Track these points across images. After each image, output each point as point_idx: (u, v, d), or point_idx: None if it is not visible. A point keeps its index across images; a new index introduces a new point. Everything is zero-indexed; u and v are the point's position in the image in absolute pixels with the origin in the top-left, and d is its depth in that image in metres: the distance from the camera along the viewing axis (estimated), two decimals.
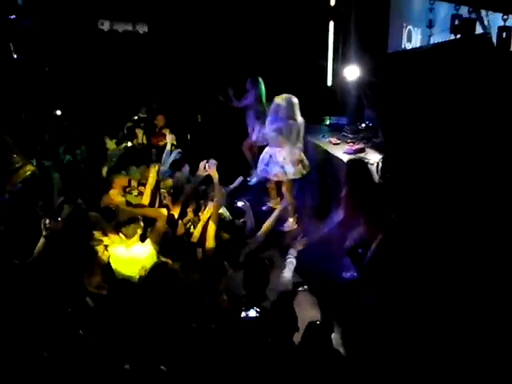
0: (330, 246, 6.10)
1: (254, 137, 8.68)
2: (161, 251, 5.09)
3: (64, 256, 4.87)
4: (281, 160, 7.44)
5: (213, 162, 5.74)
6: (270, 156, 7.54)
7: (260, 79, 8.53)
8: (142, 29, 10.48)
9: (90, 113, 9.01)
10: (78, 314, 4.04)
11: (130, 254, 5.11)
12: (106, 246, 5.18)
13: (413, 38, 7.83)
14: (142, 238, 5.22)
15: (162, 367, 3.69)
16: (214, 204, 5.38)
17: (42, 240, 4.91)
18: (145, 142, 8.19)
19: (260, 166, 7.66)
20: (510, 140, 4.37)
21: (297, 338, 4.09)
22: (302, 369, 3.80)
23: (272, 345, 4.03)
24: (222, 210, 5.74)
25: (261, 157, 7.67)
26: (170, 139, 7.21)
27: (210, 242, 5.20)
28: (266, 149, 7.64)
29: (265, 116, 7.91)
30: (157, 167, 5.94)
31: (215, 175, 5.64)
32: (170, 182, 6.49)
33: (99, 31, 10.43)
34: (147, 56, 10.24)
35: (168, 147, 7.07)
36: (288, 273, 4.84)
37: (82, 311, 4.07)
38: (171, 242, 5.18)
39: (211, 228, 5.25)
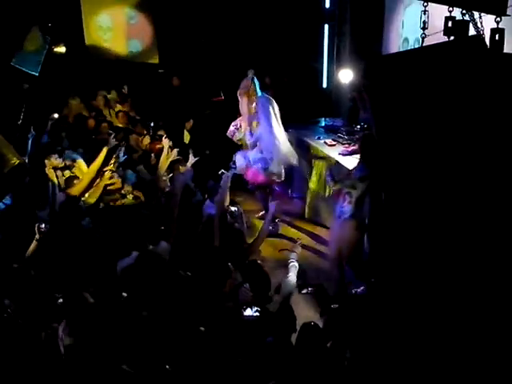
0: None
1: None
2: None
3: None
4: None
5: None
6: None
7: (255, 79, 8.57)
8: None
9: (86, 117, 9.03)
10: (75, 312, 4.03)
11: None
12: None
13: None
14: None
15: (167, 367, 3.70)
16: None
17: (34, 243, 4.88)
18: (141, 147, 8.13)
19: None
20: (504, 141, 4.43)
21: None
22: (300, 369, 3.81)
23: (271, 345, 4.07)
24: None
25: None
26: (166, 143, 7.18)
27: None
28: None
29: None
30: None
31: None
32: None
33: None
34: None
35: (165, 151, 7.05)
36: (292, 276, 4.94)
37: (79, 310, 4.05)
38: None
39: None
